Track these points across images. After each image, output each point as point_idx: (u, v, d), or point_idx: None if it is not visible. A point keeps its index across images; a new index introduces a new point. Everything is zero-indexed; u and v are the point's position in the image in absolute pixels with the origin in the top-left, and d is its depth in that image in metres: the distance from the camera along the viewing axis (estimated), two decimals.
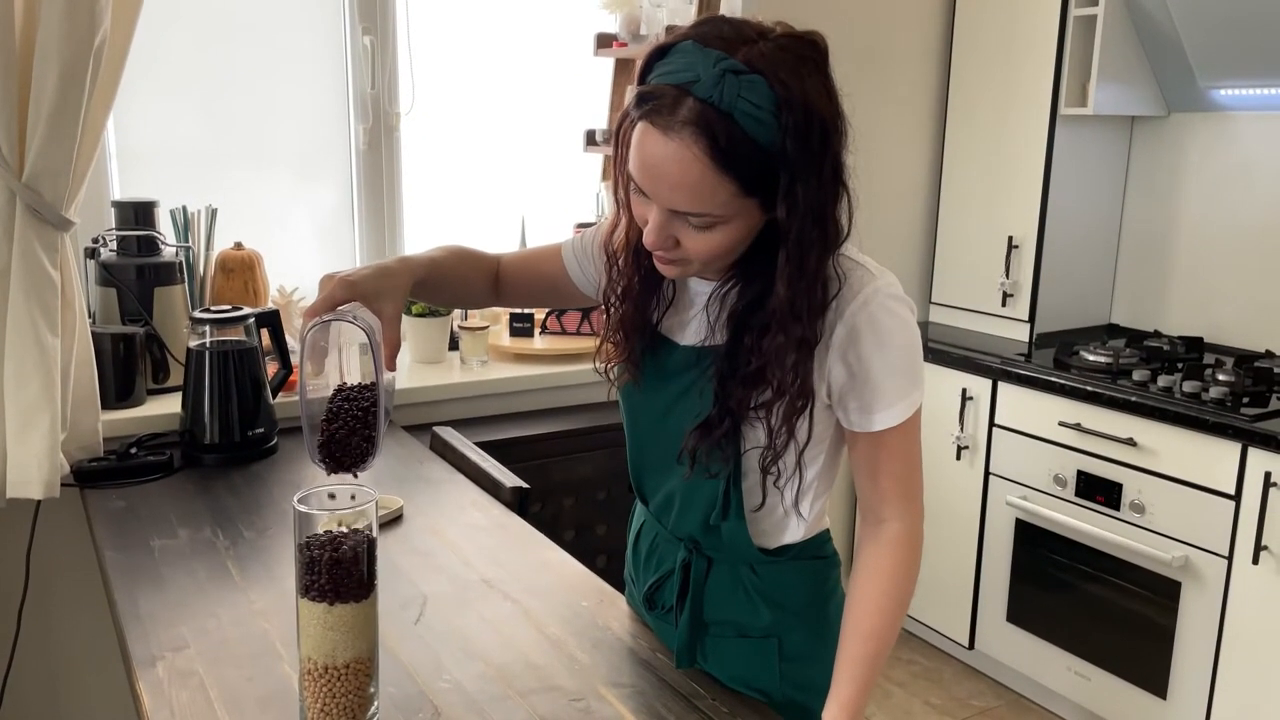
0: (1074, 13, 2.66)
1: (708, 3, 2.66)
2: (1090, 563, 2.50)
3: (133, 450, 1.83)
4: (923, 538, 1.15)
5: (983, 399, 2.71)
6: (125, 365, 2.00)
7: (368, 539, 1.01)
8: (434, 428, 2.09)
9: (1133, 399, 2.34)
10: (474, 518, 1.65)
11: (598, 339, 1.23)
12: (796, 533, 1.18)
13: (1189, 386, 2.33)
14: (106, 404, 1.96)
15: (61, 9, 1.62)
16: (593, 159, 2.86)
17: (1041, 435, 2.57)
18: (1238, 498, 2.17)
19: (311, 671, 1.01)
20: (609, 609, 1.35)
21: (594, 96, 2.86)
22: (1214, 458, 2.21)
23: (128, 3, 1.76)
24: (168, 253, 2.12)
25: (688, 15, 2.65)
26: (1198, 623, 2.28)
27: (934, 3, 2.97)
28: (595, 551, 2.31)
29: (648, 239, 1.03)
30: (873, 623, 1.11)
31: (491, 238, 2.68)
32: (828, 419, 1.13)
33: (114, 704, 2.14)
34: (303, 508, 0.99)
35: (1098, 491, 2.45)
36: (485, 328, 2.45)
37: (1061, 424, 2.50)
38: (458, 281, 1.28)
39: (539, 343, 2.54)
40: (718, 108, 0.92)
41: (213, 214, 2.25)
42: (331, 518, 1.00)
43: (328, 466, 1.04)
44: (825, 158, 0.97)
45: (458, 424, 2.21)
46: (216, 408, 1.85)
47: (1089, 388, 2.43)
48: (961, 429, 2.76)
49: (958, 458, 2.79)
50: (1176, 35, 2.59)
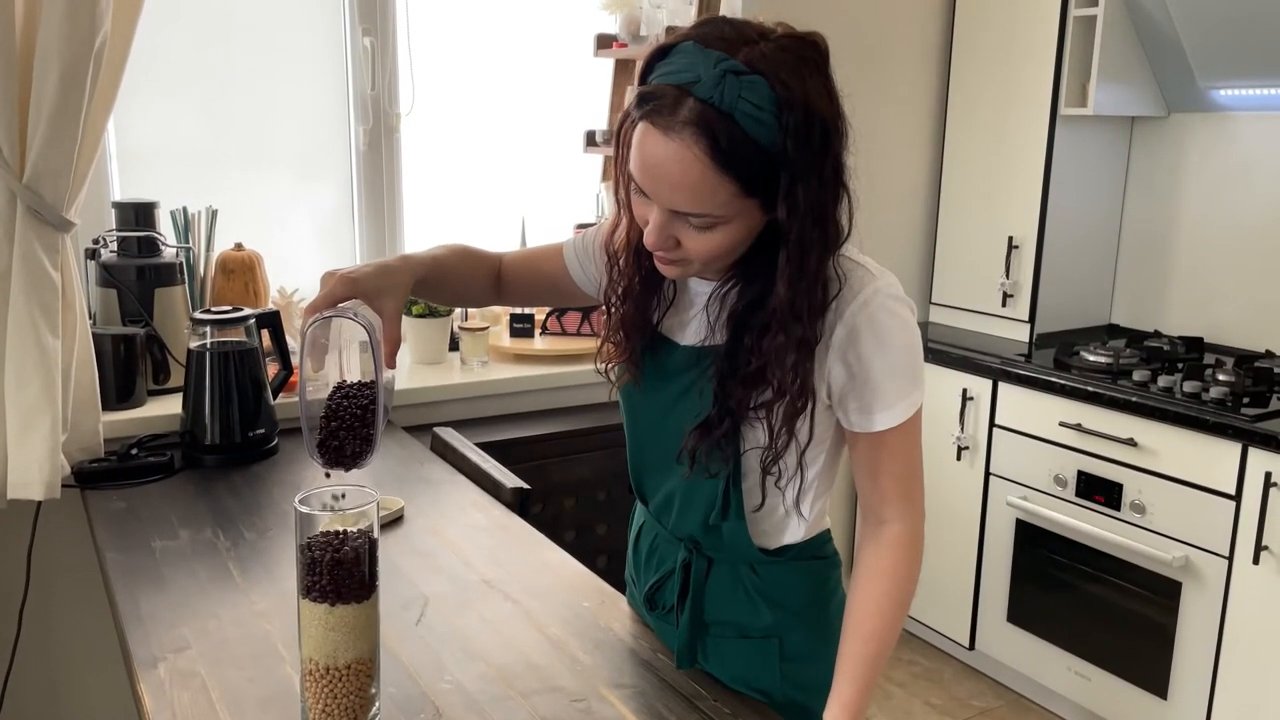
0: (1074, 13, 2.66)
1: (708, 3, 2.66)
2: (1091, 563, 2.50)
3: (133, 451, 1.83)
4: (923, 538, 1.15)
5: (983, 399, 2.71)
6: (126, 366, 2.00)
7: (369, 540, 1.01)
8: (434, 428, 2.09)
9: (1133, 399, 2.34)
10: (474, 518, 1.65)
11: (598, 339, 1.23)
12: (797, 533, 1.18)
13: (1189, 387, 2.33)
14: (107, 405, 1.96)
15: (62, 11, 1.62)
16: (593, 160, 2.86)
17: (1042, 435, 2.57)
18: (1238, 498, 2.17)
19: (313, 672, 1.01)
20: (610, 609, 1.36)
21: (594, 97, 2.86)
22: (1214, 458, 2.21)
23: (128, 4, 1.76)
24: (168, 254, 2.12)
25: (688, 16, 2.65)
26: (1198, 623, 2.28)
27: (934, 3, 2.98)
28: (596, 552, 2.31)
29: (648, 239, 1.03)
30: (873, 623, 1.11)
31: (492, 238, 2.66)
32: (828, 419, 1.13)
33: (115, 705, 2.14)
34: (304, 509, 0.99)
35: (1098, 492, 2.45)
36: (485, 328, 2.45)
37: (1062, 424, 2.50)
38: (459, 280, 1.29)
39: (539, 343, 2.54)
40: (718, 108, 0.93)
41: (213, 215, 2.25)
42: (333, 519, 1.00)
43: (326, 463, 1.04)
44: (826, 158, 0.97)
45: (458, 425, 2.21)
46: (217, 409, 1.85)
47: (1089, 388, 2.43)
48: (962, 429, 2.76)
49: (958, 458, 2.79)
50: (1176, 35, 2.59)
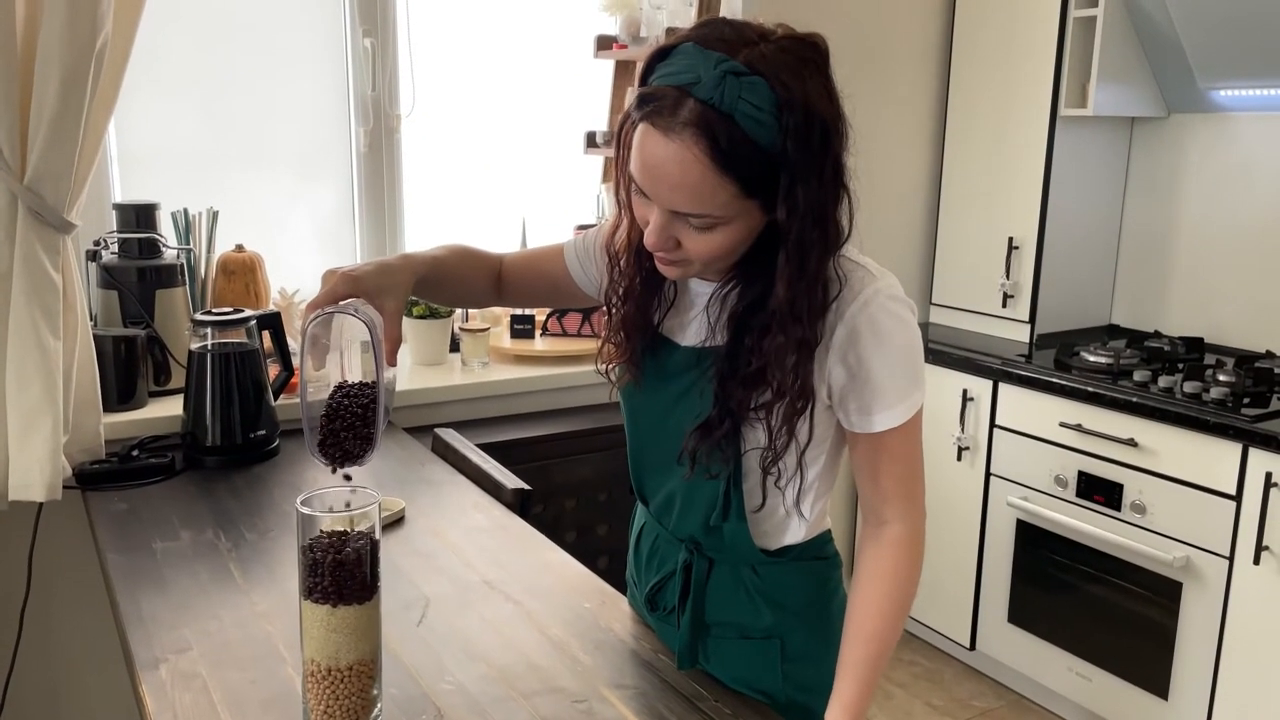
0: (1074, 14, 2.67)
1: (708, 5, 2.66)
2: (1091, 563, 2.50)
3: (134, 452, 1.83)
4: (924, 539, 1.15)
5: (983, 400, 2.71)
6: (127, 367, 2.01)
7: (370, 541, 1.01)
8: (435, 429, 2.09)
9: (1133, 399, 2.34)
10: (475, 519, 1.65)
11: (598, 340, 1.23)
12: (798, 533, 1.19)
13: (1190, 387, 2.33)
14: (108, 406, 1.96)
15: (63, 13, 1.62)
16: (593, 161, 2.86)
17: (1042, 436, 2.57)
18: (1239, 498, 2.18)
19: (314, 673, 1.01)
20: (611, 610, 1.36)
21: (594, 98, 2.86)
22: (1215, 458, 2.21)
23: (129, 6, 1.76)
24: (169, 255, 2.13)
25: (688, 18, 2.65)
26: (1199, 623, 2.28)
27: (934, 4, 2.98)
28: (597, 553, 2.31)
29: (649, 240, 1.03)
30: (874, 624, 1.11)
31: (492, 240, 2.66)
32: (828, 420, 1.13)
33: (116, 706, 2.14)
34: (306, 510, 0.99)
35: (1098, 492, 2.45)
36: (486, 329, 2.45)
37: (1062, 424, 2.51)
38: (459, 280, 1.29)
39: (540, 344, 2.54)
40: (719, 109, 0.93)
41: (214, 216, 2.25)
42: (334, 520, 1.00)
43: (326, 462, 1.04)
44: (826, 159, 0.97)
45: (459, 426, 2.22)
46: (218, 410, 1.85)
47: (1090, 388, 2.43)
48: (962, 430, 2.76)
49: (958, 459, 2.79)
50: (1176, 36, 2.59)
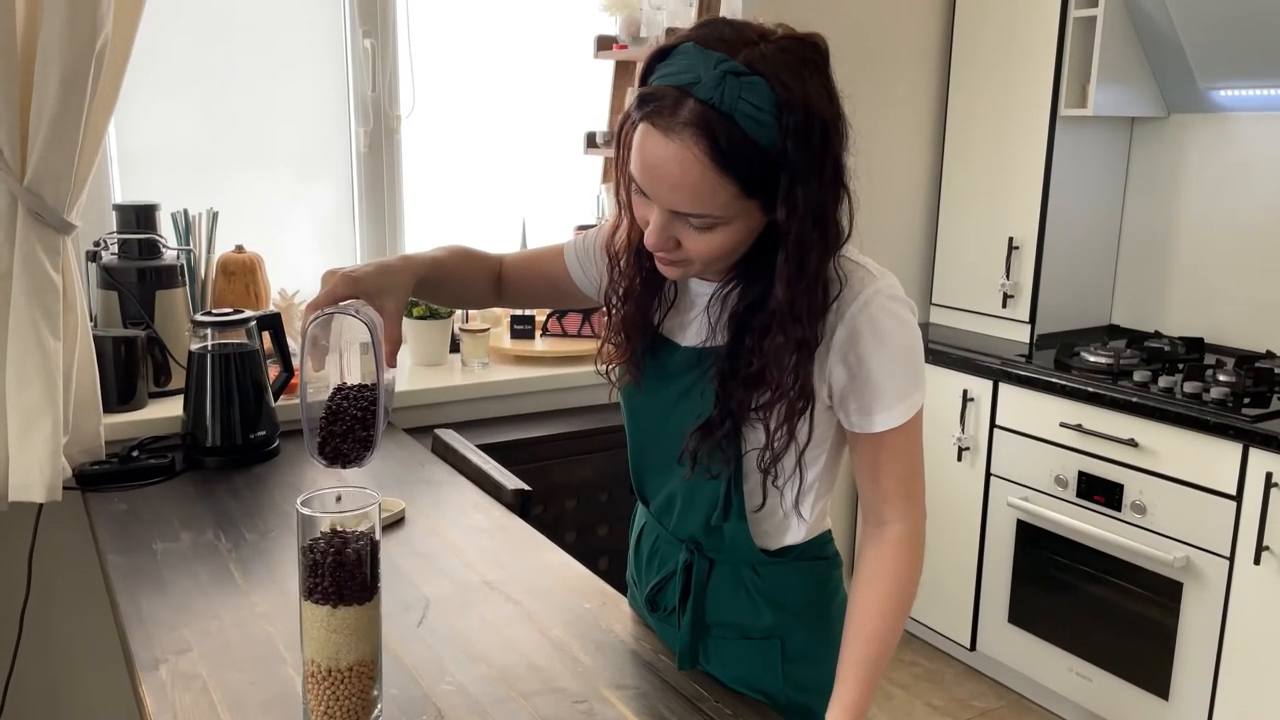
0: (1074, 14, 2.67)
1: (708, 5, 2.66)
2: (1092, 564, 2.50)
3: (134, 453, 1.83)
4: (924, 539, 1.15)
5: (983, 400, 2.71)
6: (127, 368, 2.01)
7: (370, 541, 1.01)
8: (435, 430, 2.09)
9: (1134, 400, 2.34)
10: (476, 520, 1.65)
11: (598, 341, 1.23)
12: (798, 534, 1.18)
13: (1190, 387, 2.33)
14: (108, 407, 1.96)
15: (63, 13, 1.62)
16: (593, 161, 2.86)
17: (1042, 436, 2.56)
18: (1239, 498, 2.17)
19: (315, 674, 1.01)
20: (611, 611, 1.36)
21: (594, 99, 2.86)
22: (1215, 458, 2.21)
23: (129, 6, 1.76)
24: (169, 256, 2.13)
25: (688, 18, 2.65)
26: (1199, 623, 2.28)
27: (934, 4, 2.98)
28: (597, 553, 2.31)
29: (649, 240, 1.03)
30: (875, 625, 1.11)
31: (492, 240, 2.67)
32: (828, 420, 1.13)
33: (116, 707, 2.13)
34: (306, 510, 0.99)
35: (1099, 492, 2.45)
36: (486, 330, 2.45)
37: (1062, 425, 2.50)
38: (459, 281, 1.29)
39: (540, 345, 2.54)
40: (719, 109, 0.93)
41: (214, 217, 2.25)
42: (335, 520, 1.00)
43: (326, 464, 1.04)
44: (826, 159, 0.97)
45: (459, 426, 2.21)
46: (218, 410, 1.85)
47: (1090, 389, 2.43)
48: (962, 430, 2.76)
49: (959, 459, 2.79)
50: (1176, 36, 2.59)
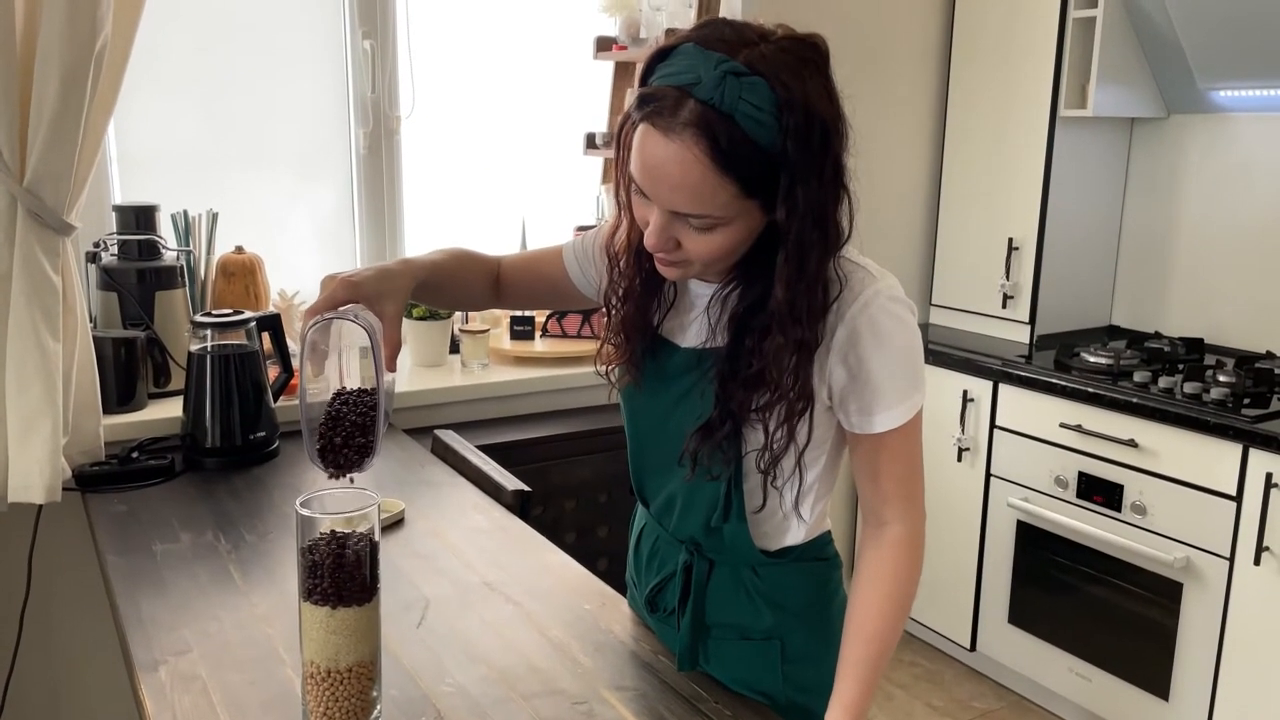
0: (1073, 14, 2.67)
1: (708, 6, 2.66)
2: (1092, 564, 2.50)
3: (134, 454, 1.83)
4: (924, 540, 1.14)
5: (983, 401, 2.71)
6: (126, 369, 2.00)
7: (370, 542, 1.01)
8: (435, 431, 2.09)
9: (1133, 400, 2.34)
10: (475, 521, 1.65)
11: (598, 342, 1.23)
12: (798, 535, 1.18)
13: (1190, 388, 2.33)
14: (108, 408, 1.96)
15: (63, 14, 1.62)
16: (593, 162, 2.86)
17: (1042, 437, 2.56)
18: (1239, 499, 2.17)
19: (314, 675, 1.01)
20: (611, 612, 1.35)
21: (594, 100, 2.86)
22: (1215, 459, 2.21)
23: (129, 7, 1.76)
24: (169, 257, 2.13)
25: (687, 19, 2.65)
26: (1199, 624, 2.28)
27: (934, 4, 2.98)
28: (597, 554, 2.31)
29: (649, 240, 1.03)
30: (875, 625, 1.11)
31: (492, 241, 2.68)
32: (828, 421, 1.13)
33: (116, 708, 2.13)
34: (305, 511, 0.99)
35: (1099, 493, 2.45)
36: (486, 331, 2.45)
37: (1062, 425, 2.50)
38: (459, 284, 1.28)
39: (540, 345, 2.54)
40: (719, 109, 0.93)
41: (213, 218, 2.25)
42: (334, 521, 1.00)
43: (327, 469, 1.04)
44: (826, 159, 0.97)
45: (459, 427, 2.21)
46: (218, 411, 1.85)
47: (1090, 389, 2.43)
48: (962, 431, 2.76)
49: (959, 459, 2.79)
50: (1176, 37, 2.59)
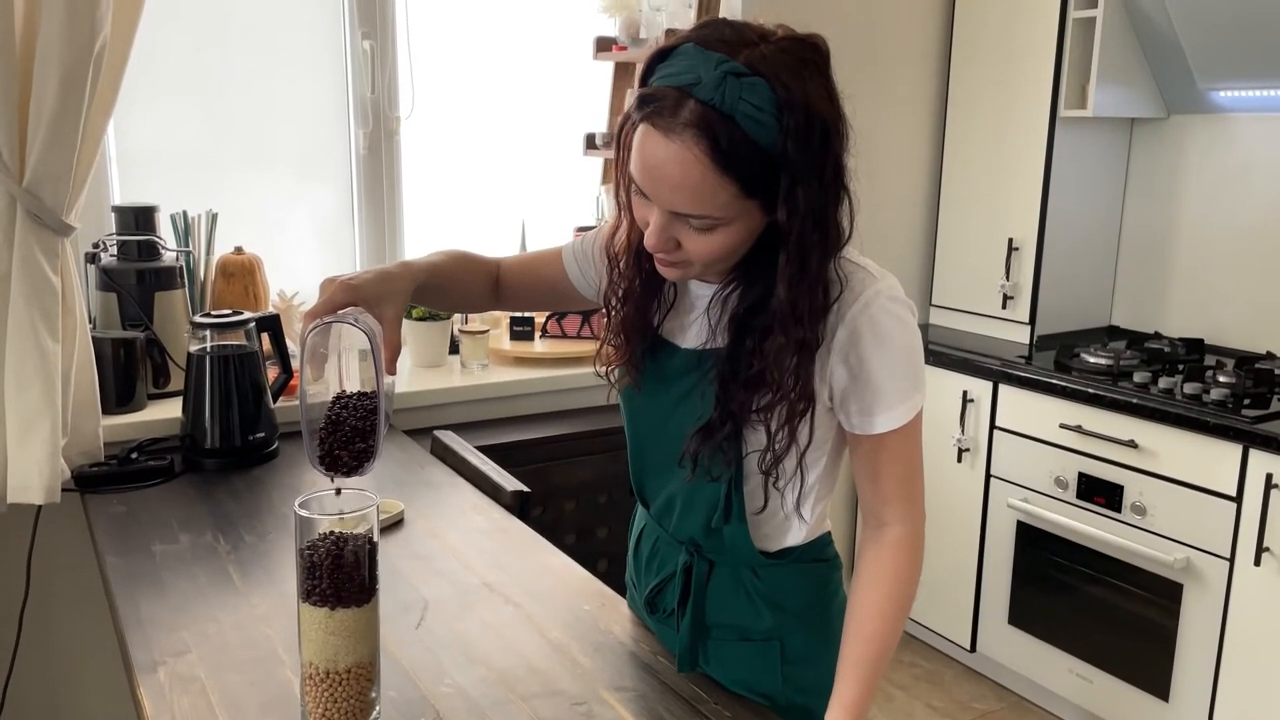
0: (1073, 15, 2.66)
1: (708, 6, 2.66)
2: (1092, 565, 2.49)
3: (133, 455, 1.83)
4: (924, 540, 1.14)
5: (983, 401, 2.70)
6: (126, 370, 2.00)
7: (369, 543, 1.01)
8: (434, 431, 2.09)
9: (1133, 401, 2.34)
10: (475, 521, 1.65)
11: (598, 342, 1.23)
12: (798, 535, 1.18)
13: (1190, 388, 2.33)
14: (107, 409, 1.95)
15: (62, 15, 1.62)
16: (593, 163, 2.86)
17: (1042, 437, 2.56)
18: (1239, 499, 2.17)
19: (313, 676, 1.00)
20: (610, 613, 1.35)
21: (594, 100, 2.86)
22: (1215, 459, 2.21)
23: (128, 7, 1.76)
24: (168, 257, 2.12)
25: (687, 19, 2.65)
26: (1199, 625, 2.28)
27: (934, 5, 2.98)
28: (596, 555, 2.31)
29: (649, 241, 1.03)
30: (875, 626, 1.10)
31: (492, 242, 2.68)
32: (829, 422, 1.13)
33: (115, 709, 2.13)
34: (304, 512, 0.99)
35: (1099, 493, 2.45)
36: (485, 331, 2.45)
37: (1062, 426, 2.50)
38: (458, 286, 1.28)
39: (539, 346, 2.54)
40: (719, 109, 0.93)
41: (213, 218, 2.25)
42: (333, 522, 1.00)
43: (327, 474, 1.04)
44: (826, 160, 0.97)
45: (458, 428, 2.21)
46: (217, 412, 1.85)
47: (1090, 390, 2.43)
48: (962, 431, 2.76)
49: (958, 460, 2.79)
50: (1176, 37, 2.59)
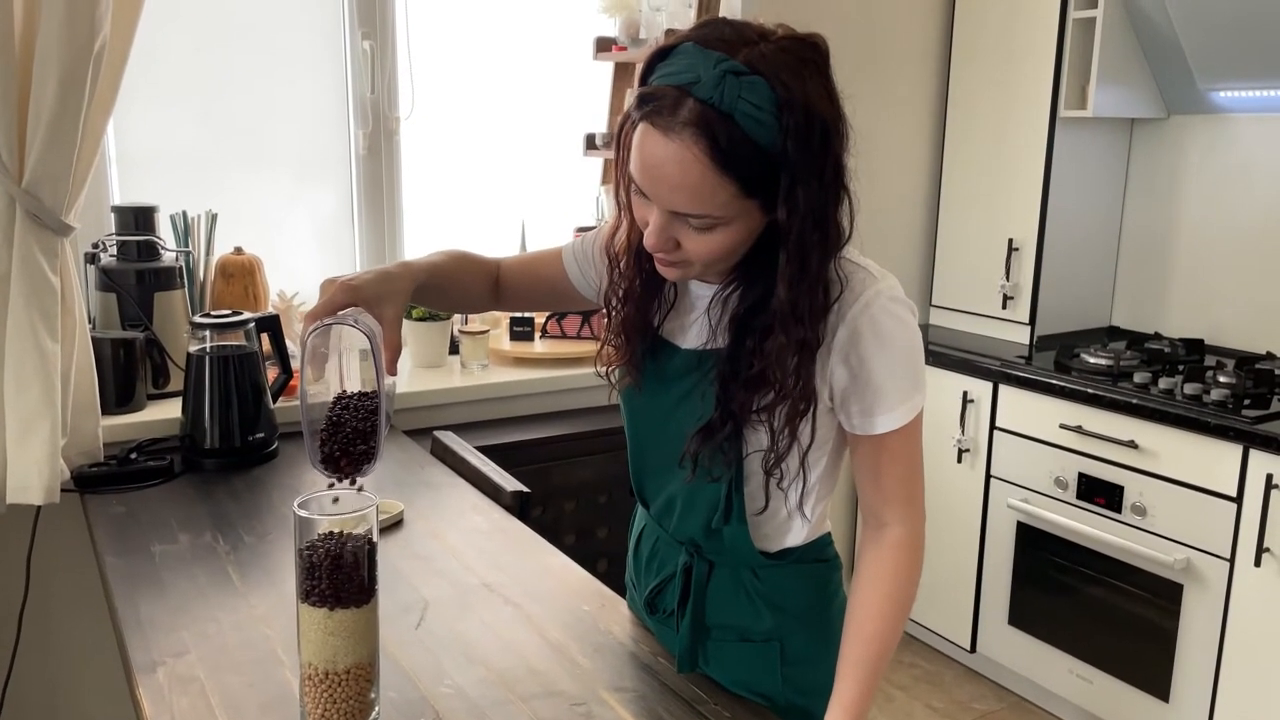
0: (1073, 15, 2.66)
1: (708, 5, 2.66)
2: (1092, 565, 2.49)
3: (133, 455, 1.83)
4: (924, 541, 1.14)
5: (983, 402, 2.70)
6: (125, 370, 2.00)
7: (368, 543, 1.01)
8: (434, 432, 2.09)
9: (1134, 401, 2.34)
10: (475, 522, 1.65)
11: (598, 343, 1.23)
12: (798, 536, 1.18)
13: (1190, 389, 2.33)
14: (106, 409, 1.95)
15: (61, 15, 1.62)
16: (593, 163, 2.86)
17: (1042, 438, 2.56)
18: (1239, 500, 2.17)
19: (312, 677, 1.00)
20: (610, 613, 1.35)
21: (594, 100, 2.86)
22: (1215, 460, 2.20)
23: (127, 7, 1.76)
24: (168, 258, 2.12)
25: (687, 19, 2.65)
26: (1200, 625, 2.28)
27: (934, 4, 2.98)
28: (596, 555, 2.31)
29: (648, 241, 1.03)
30: (875, 626, 1.10)
31: (491, 242, 2.68)
32: (830, 422, 1.12)
33: (114, 709, 2.13)
34: (303, 513, 0.99)
35: (1099, 494, 2.45)
36: (485, 332, 2.45)
37: (1062, 426, 2.50)
38: (458, 286, 1.28)
39: (539, 346, 2.54)
40: (718, 109, 0.92)
41: (213, 219, 2.25)
42: (332, 522, 1.00)
43: (329, 475, 1.04)
44: (826, 159, 0.97)
45: (458, 428, 2.21)
46: (217, 412, 1.85)
47: (1090, 390, 2.43)
48: (962, 432, 2.76)
49: (959, 460, 2.78)
50: (1176, 37, 2.59)
